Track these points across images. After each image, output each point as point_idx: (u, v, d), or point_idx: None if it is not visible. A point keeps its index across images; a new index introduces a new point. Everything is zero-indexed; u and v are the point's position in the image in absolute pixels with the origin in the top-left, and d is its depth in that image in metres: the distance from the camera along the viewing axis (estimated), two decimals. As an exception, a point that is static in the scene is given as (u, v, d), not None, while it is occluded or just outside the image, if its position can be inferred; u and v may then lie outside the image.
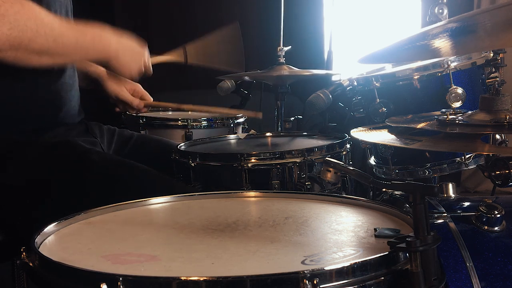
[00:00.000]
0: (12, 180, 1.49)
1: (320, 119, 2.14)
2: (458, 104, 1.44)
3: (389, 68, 1.77)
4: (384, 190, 1.61)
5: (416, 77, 1.56)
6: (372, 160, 1.70)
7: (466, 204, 1.39)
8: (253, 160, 1.55)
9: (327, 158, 1.30)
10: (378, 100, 1.58)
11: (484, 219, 1.25)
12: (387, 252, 0.84)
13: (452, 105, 1.44)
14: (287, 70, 2.27)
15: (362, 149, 1.71)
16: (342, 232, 1.01)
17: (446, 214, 1.29)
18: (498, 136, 1.41)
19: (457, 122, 1.20)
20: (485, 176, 1.35)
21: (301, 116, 2.39)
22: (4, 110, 1.54)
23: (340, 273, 0.79)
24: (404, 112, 1.49)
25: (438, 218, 1.28)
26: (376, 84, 1.59)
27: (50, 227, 1.05)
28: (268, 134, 2.06)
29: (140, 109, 2.01)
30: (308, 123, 2.52)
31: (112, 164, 1.56)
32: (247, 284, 0.76)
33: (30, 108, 1.58)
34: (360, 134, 1.36)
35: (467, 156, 1.52)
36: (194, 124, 2.39)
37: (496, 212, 1.25)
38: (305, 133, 2.04)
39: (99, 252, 0.95)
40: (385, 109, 1.57)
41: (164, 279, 0.78)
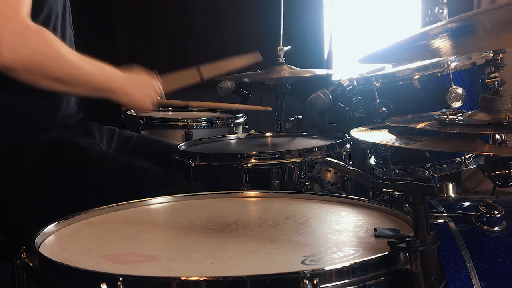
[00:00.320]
0: (11, 180, 1.49)
1: (320, 119, 2.14)
2: (458, 104, 1.44)
3: (389, 68, 1.77)
4: (384, 190, 1.61)
5: (416, 77, 1.56)
6: (372, 160, 1.71)
7: (466, 204, 1.39)
8: (253, 160, 1.55)
9: (327, 158, 1.30)
10: (378, 100, 1.58)
11: (484, 219, 1.25)
12: (387, 252, 0.84)
13: (452, 105, 1.44)
14: (287, 70, 2.27)
15: (362, 149, 1.71)
16: (342, 232, 1.01)
17: (446, 214, 1.29)
18: (498, 136, 1.41)
19: (457, 122, 1.20)
20: (485, 176, 1.35)
21: (301, 116, 2.39)
22: (3, 110, 1.54)
23: (340, 273, 0.79)
24: (404, 112, 1.49)
25: (438, 218, 1.28)
26: (376, 84, 1.59)
27: (50, 227, 1.05)
28: (268, 134, 2.06)
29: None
30: (308, 123, 2.52)
31: (112, 162, 1.56)
32: (247, 284, 0.76)
33: (29, 108, 1.58)
34: (360, 134, 1.36)
35: (467, 156, 1.52)
36: (194, 124, 2.39)
37: (496, 212, 1.25)
38: (305, 133, 2.04)
39: (99, 252, 0.95)
40: (385, 109, 1.57)
41: (164, 279, 0.78)
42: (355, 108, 1.72)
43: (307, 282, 0.76)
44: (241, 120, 2.49)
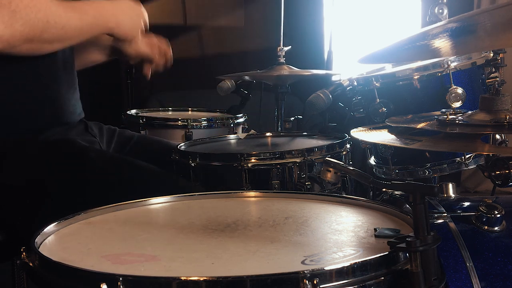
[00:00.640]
0: (11, 180, 1.49)
1: (320, 119, 2.14)
2: (458, 104, 1.44)
3: (389, 68, 1.77)
4: (384, 190, 1.61)
5: (416, 77, 1.56)
6: (372, 160, 1.71)
7: (466, 204, 1.39)
8: (253, 160, 1.55)
9: (327, 158, 1.30)
10: (378, 100, 1.58)
11: (484, 219, 1.25)
12: (387, 252, 0.84)
13: (452, 105, 1.44)
14: (287, 70, 2.27)
15: (362, 149, 1.71)
16: (342, 232, 1.01)
17: (446, 214, 1.29)
18: (498, 136, 1.41)
19: (457, 122, 1.20)
20: (485, 176, 1.35)
21: (301, 116, 2.39)
22: (4, 109, 1.54)
23: (340, 273, 0.79)
24: (404, 112, 1.49)
25: (438, 218, 1.28)
26: (376, 84, 1.59)
27: (50, 227, 1.05)
28: (268, 134, 2.06)
29: (161, 65, 1.96)
30: (308, 123, 2.52)
31: (112, 161, 1.56)
32: (247, 284, 0.76)
33: (30, 107, 1.58)
34: (360, 134, 1.36)
35: (467, 156, 1.52)
36: (194, 124, 2.39)
37: (496, 212, 1.25)
38: (305, 133, 2.04)
39: (99, 252, 0.95)
40: (385, 109, 1.57)
41: (164, 279, 0.78)
42: (355, 108, 1.72)
43: (307, 282, 0.76)
44: (241, 120, 2.49)
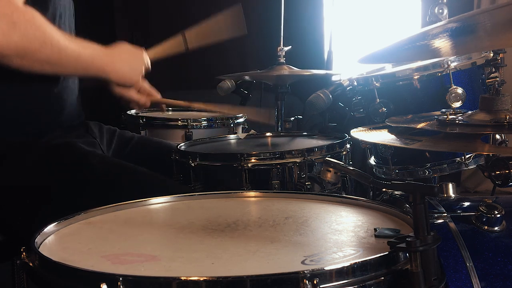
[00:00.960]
0: (12, 181, 1.49)
1: (320, 119, 2.14)
2: (458, 104, 1.44)
3: (389, 68, 1.77)
4: (384, 190, 1.61)
5: (416, 77, 1.56)
6: (372, 160, 1.70)
7: (466, 204, 1.39)
8: (253, 160, 1.55)
9: (327, 158, 1.30)
10: (378, 100, 1.58)
11: (484, 219, 1.25)
12: (387, 252, 0.84)
13: (452, 105, 1.43)
14: (287, 70, 2.27)
15: (362, 149, 1.71)
16: (342, 232, 1.01)
17: (446, 214, 1.29)
18: (498, 136, 1.41)
19: (457, 122, 1.20)
20: (485, 176, 1.35)
21: (301, 116, 2.39)
22: (5, 112, 1.54)
23: (340, 273, 0.79)
24: (404, 112, 1.49)
25: (438, 218, 1.28)
26: (376, 84, 1.59)
27: (50, 227, 1.05)
28: (268, 134, 2.06)
29: (147, 106, 1.99)
30: (308, 123, 2.52)
31: (112, 167, 1.56)
32: (247, 284, 0.76)
33: (31, 111, 1.58)
34: (360, 134, 1.36)
35: (467, 156, 1.52)
36: (194, 124, 2.39)
37: (496, 212, 1.25)
38: (305, 133, 2.04)
39: (99, 252, 0.95)
40: (385, 109, 1.57)
41: (164, 279, 0.78)
42: (355, 108, 1.72)
43: (307, 282, 0.76)
44: (241, 120, 2.49)
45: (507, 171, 1.29)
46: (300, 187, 1.55)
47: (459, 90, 1.45)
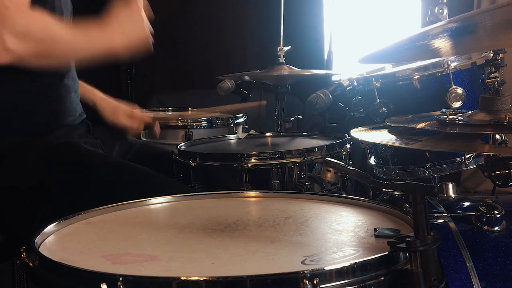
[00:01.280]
0: (12, 181, 1.49)
1: (320, 119, 2.14)
2: (458, 104, 1.44)
3: (389, 68, 1.77)
4: (384, 190, 1.61)
5: (416, 77, 1.56)
6: (372, 160, 1.71)
7: (466, 204, 1.39)
8: (253, 160, 1.55)
9: (327, 158, 1.30)
10: (378, 100, 1.58)
11: (484, 219, 1.25)
12: (387, 252, 0.84)
13: (452, 105, 1.44)
14: (287, 70, 2.27)
15: (362, 149, 1.71)
16: (342, 232, 1.01)
17: (446, 214, 1.29)
18: (498, 136, 1.41)
19: (457, 122, 1.20)
20: (485, 176, 1.35)
21: (301, 116, 2.39)
22: (6, 111, 1.54)
23: (340, 273, 0.79)
24: (404, 112, 1.49)
25: (438, 218, 1.28)
26: (376, 84, 1.59)
27: (50, 227, 1.05)
28: (268, 134, 2.06)
29: (140, 131, 2.02)
30: (308, 123, 2.52)
31: (113, 166, 1.56)
32: (247, 284, 0.76)
33: (32, 110, 1.58)
34: (360, 134, 1.36)
35: (467, 156, 1.52)
36: (194, 124, 2.39)
37: (496, 212, 1.25)
38: (305, 133, 2.04)
39: (99, 252, 0.95)
40: (385, 109, 1.57)
41: (164, 279, 0.78)
42: (355, 108, 1.72)
43: (307, 282, 0.76)
44: (241, 120, 2.49)
45: (507, 171, 1.29)
46: (300, 187, 1.55)
47: (459, 90, 1.45)
